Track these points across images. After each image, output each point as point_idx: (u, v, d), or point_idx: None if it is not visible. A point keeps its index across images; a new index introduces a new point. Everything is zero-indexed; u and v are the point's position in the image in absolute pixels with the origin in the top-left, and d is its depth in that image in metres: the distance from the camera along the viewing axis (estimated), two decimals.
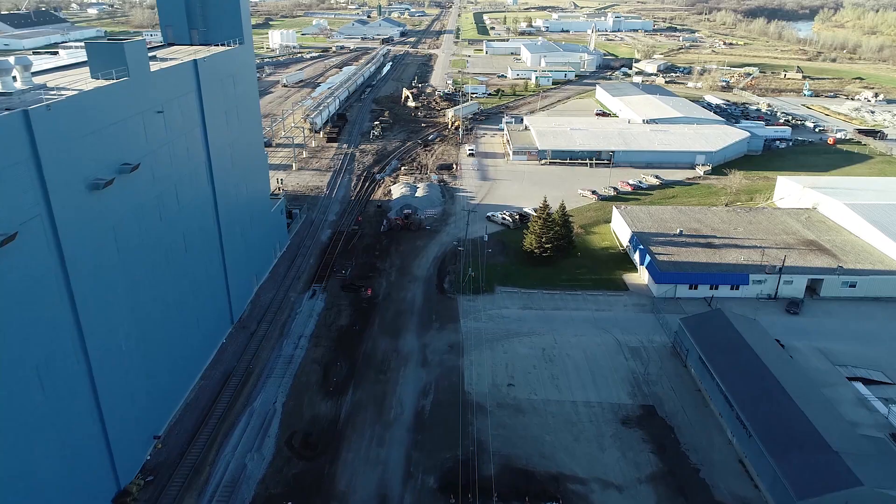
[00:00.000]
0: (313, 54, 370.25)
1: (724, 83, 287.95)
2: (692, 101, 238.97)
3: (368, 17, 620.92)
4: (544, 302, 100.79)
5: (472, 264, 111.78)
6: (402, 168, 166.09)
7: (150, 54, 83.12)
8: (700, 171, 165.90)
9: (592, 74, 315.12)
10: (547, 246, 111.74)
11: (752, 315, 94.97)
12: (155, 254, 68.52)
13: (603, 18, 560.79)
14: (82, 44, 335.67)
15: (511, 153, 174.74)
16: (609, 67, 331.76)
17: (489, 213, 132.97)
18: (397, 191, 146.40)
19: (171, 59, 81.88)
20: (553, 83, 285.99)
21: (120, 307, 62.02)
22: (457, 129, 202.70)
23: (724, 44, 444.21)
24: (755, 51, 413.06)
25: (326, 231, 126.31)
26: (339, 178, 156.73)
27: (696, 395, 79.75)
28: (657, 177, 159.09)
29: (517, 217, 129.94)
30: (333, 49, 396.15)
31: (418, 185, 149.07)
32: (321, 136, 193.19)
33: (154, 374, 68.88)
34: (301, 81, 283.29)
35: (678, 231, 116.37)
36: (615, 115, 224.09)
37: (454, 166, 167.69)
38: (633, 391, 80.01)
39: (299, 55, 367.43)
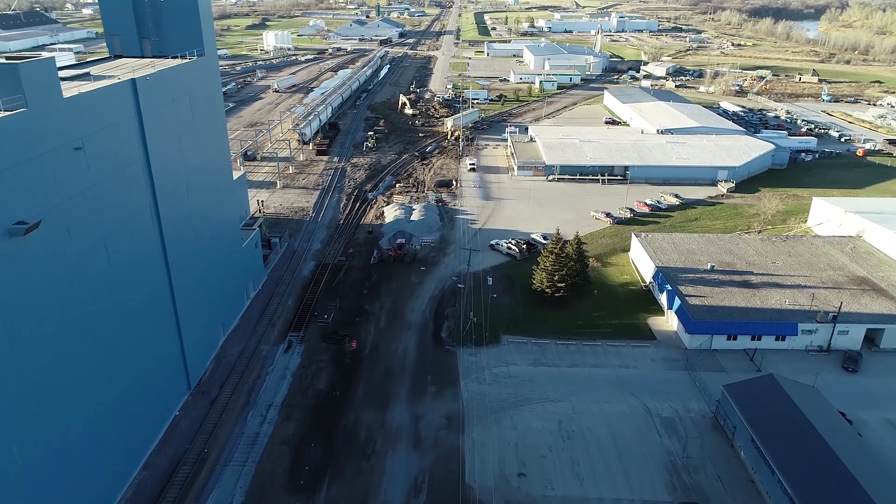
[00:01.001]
0: (308, 57, 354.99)
1: (736, 87, 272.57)
2: (706, 107, 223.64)
3: (367, 17, 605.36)
4: (559, 356, 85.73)
5: (475, 306, 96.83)
6: (397, 185, 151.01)
7: (85, 70, 68.45)
8: (723, 188, 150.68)
9: (599, 78, 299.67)
10: (560, 285, 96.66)
11: (803, 369, 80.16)
12: (71, 330, 53.55)
13: (607, 19, 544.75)
14: (69, 46, 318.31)
15: (515, 168, 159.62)
16: (615, 70, 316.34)
17: (493, 242, 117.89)
18: (391, 213, 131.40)
19: (108, 76, 66.90)
20: (558, 87, 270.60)
21: (14, 412, 47.09)
22: (457, 139, 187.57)
23: (732, 45, 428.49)
24: (765, 52, 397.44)
25: (310, 263, 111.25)
26: (327, 198, 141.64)
27: (749, 488, 64.73)
28: (677, 196, 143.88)
29: (524, 246, 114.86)
30: (329, 51, 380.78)
31: (414, 207, 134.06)
32: (311, 148, 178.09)
33: (75, 481, 53.98)
34: (293, 86, 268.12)
35: (709, 266, 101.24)
36: (625, 124, 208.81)
37: (454, 183, 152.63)
38: (671, 481, 65.04)
39: (294, 57, 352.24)
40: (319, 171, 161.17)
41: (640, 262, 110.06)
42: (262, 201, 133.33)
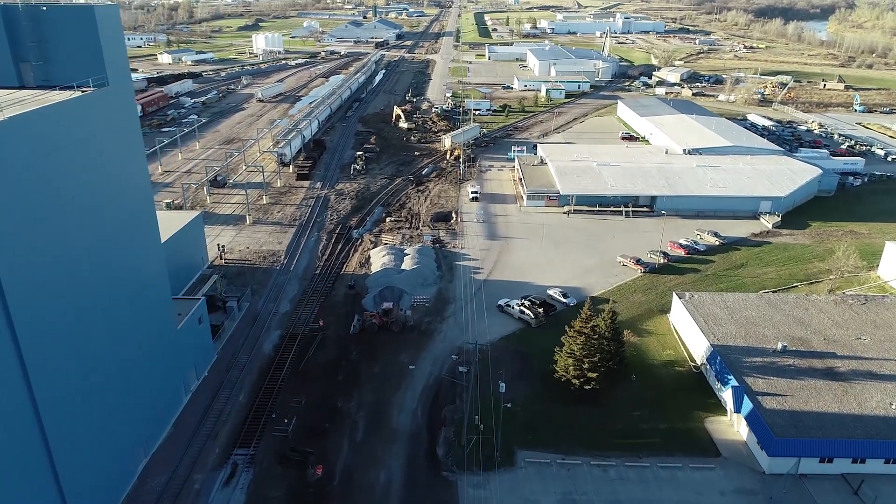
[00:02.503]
0: (299, 61, 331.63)
1: (758, 95, 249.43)
2: (730, 118, 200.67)
3: (364, 17, 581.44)
4: (595, 486, 62.96)
5: (481, 401, 74.12)
6: (388, 219, 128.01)
7: None
8: (767, 222, 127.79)
9: (608, 85, 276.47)
10: (591, 376, 73.85)
11: None
12: None
13: (612, 20, 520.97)
14: None
15: (525, 197, 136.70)
16: (626, 76, 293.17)
17: (502, 302, 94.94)
18: (378, 259, 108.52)
19: None
20: (566, 96, 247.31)
21: None
22: (456, 159, 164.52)
23: (745, 47, 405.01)
24: (780, 55, 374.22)
25: (274, 334, 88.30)
26: (303, 238, 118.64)
27: None
28: (716, 234, 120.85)
29: (540, 310, 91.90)
30: (322, 54, 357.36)
31: (406, 250, 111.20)
32: (291, 170, 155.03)
33: None
34: (279, 95, 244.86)
35: (779, 346, 78.37)
36: (645, 140, 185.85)
37: (453, 216, 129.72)
38: None
39: (284, 62, 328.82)
40: (298, 200, 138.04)
41: (686, 331, 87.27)
42: (223, 246, 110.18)
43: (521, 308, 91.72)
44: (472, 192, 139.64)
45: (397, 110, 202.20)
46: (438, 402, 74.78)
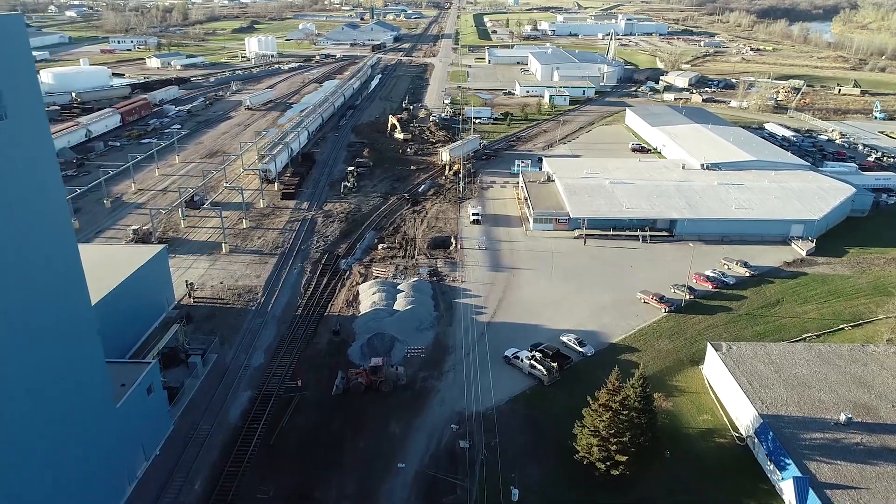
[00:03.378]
0: (292, 65, 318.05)
1: (771, 101, 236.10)
2: (744, 127, 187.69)
3: (361, 19, 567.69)
4: None
5: (488, 486, 60.98)
6: (380, 246, 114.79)
7: None
8: (800, 248, 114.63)
9: (614, 90, 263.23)
10: (620, 459, 60.72)
11: None
12: None
13: (614, 21, 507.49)
14: (35, 53, 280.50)
15: (531, 220, 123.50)
16: (632, 81, 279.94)
17: (509, 353, 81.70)
18: (368, 297, 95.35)
19: None
20: (570, 102, 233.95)
21: None
22: (455, 174, 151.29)
23: (751, 50, 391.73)
24: (788, 58, 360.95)
25: (243, 395, 75.05)
26: (285, 270, 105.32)
27: None
28: (745, 265, 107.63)
29: (553, 363, 78.69)
30: (317, 58, 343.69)
31: (400, 285, 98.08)
32: (276, 188, 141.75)
33: None
34: (269, 102, 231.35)
35: (842, 418, 65.28)
36: (657, 153, 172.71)
37: (452, 243, 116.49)
38: None
39: (277, 66, 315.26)
40: (282, 223, 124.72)
41: (725, 391, 74.16)
42: (192, 283, 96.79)
43: (532, 362, 78.46)
44: (472, 215, 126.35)
45: (392, 120, 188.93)
46: (435, 493, 61.55)
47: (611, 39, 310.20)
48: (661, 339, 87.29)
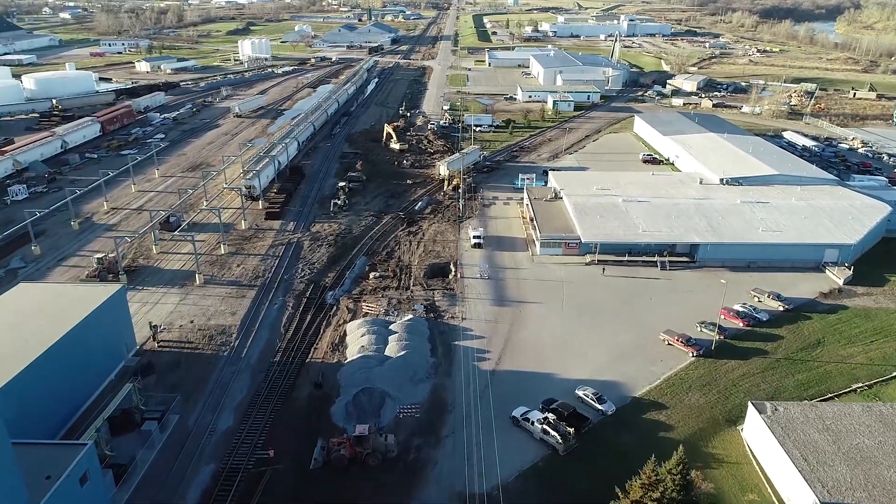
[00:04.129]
0: (286, 69, 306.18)
1: (785, 106, 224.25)
2: (758, 134, 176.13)
3: (359, 20, 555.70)
4: None
5: None
6: (371, 275, 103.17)
7: None
8: (836, 277, 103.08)
9: (620, 95, 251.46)
10: None
11: None
12: None
13: (616, 22, 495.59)
14: (18, 59, 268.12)
15: (538, 243, 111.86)
16: (638, 84, 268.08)
17: (517, 413, 70.03)
18: (356, 339, 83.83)
19: None
20: (574, 108, 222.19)
21: None
22: (455, 189, 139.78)
23: (758, 51, 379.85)
24: (796, 60, 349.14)
25: (205, 471, 63.41)
26: (265, 305, 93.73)
27: None
28: (777, 296, 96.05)
29: (568, 427, 67.07)
30: (312, 61, 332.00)
31: (393, 324, 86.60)
32: (260, 207, 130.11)
33: None
34: (260, 109, 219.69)
35: None
36: (670, 164, 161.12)
37: (452, 270, 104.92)
38: None
39: (270, 70, 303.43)
40: (265, 247, 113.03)
41: (772, 462, 62.63)
42: (156, 325, 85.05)
43: (545, 427, 66.78)
44: (473, 237, 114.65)
45: (388, 128, 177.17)
46: None
47: (615, 41, 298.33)
48: (691, 392, 75.69)
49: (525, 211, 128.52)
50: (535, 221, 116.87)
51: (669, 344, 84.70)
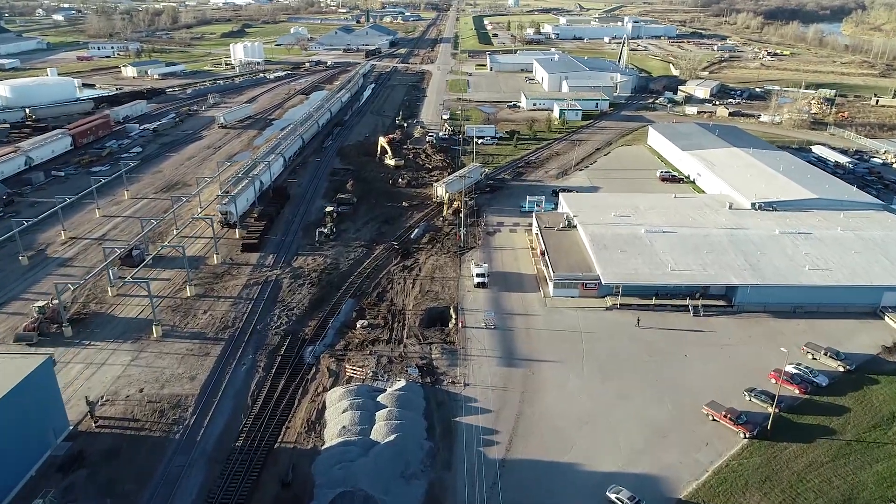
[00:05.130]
0: (278, 74, 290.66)
1: (806, 114, 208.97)
2: (782, 147, 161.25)
3: (357, 22, 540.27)
4: None
5: None
6: (359, 324, 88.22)
7: None
8: None
9: (629, 102, 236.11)
10: None
11: None
12: None
13: (620, 24, 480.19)
14: (4, 61, 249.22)
15: (550, 283, 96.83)
16: (647, 91, 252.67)
17: None
18: (336, 414, 68.96)
19: None
20: (582, 117, 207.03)
21: None
22: (455, 213, 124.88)
23: (768, 54, 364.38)
24: (809, 63, 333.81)
25: None
26: (231, 366, 78.78)
27: None
28: (835, 353, 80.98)
29: None
30: (306, 65, 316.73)
31: (381, 397, 71.56)
32: (237, 235, 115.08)
33: None
34: (247, 119, 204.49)
35: None
36: (691, 182, 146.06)
37: (452, 316, 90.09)
38: None
39: (262, 75, 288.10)
40: (238, 288, 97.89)
41: None
42: (94, 402, 69.89)
43: None
44: (477, 275, 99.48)
45: (382, 142, 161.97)
46: None
47: (623, 45, 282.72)
48: (748, 492, 60.70)
49: (534, 241, 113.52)
50: (546, 256, 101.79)
51: (713, 419, 69.75)
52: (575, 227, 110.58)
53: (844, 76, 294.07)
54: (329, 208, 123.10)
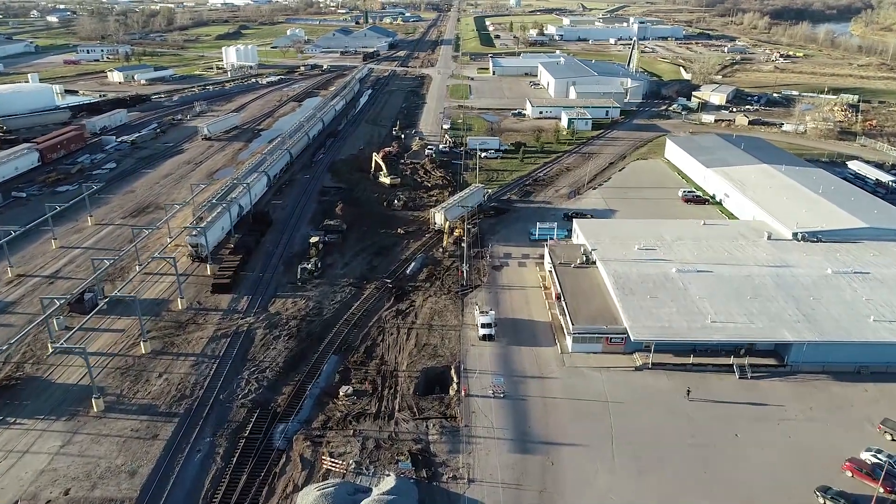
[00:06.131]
0: (271, 78, 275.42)
1: (829, 121, 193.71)
2: (812, 161, 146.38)
3: (357, 23, 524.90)
4: None
5: None
6: (343, 391, 73.39)
7: None
8: None
9: (641, 109, 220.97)
10: None
11: None
12: None
13: (625, 24, 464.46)
14: None
15: (568, 337, 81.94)
16: (660, 97, 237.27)
17: None
18: None
19: None
20: (592, 126, 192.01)
21: None
22: (456, 242, 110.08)
23: (781, 56, 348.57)
24: (824, 66, 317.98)
25: None
26: (183, 452, 63.97)
27: None
28: None
29: None
30: (301, 69, 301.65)
31: (367, 501, 56.65)
32: (209, 272, 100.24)
33: None
34: (233, 129, 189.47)
35: None
36: (717, 204, 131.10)
37: (453, 379, 75.35)
38: None
39: (254, 80, 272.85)
40: (203, 342, 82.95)
41: None
42: None
43: None
44: (482, 325, 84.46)
45: (377, 158, 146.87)
46: None
47: (632, 48, 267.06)
48: None
49: (547, 279, 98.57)
50: (563, 301, 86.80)
51: None
52: (594, 262, 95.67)
53: (864, 80, 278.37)
54: (314, 238, 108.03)
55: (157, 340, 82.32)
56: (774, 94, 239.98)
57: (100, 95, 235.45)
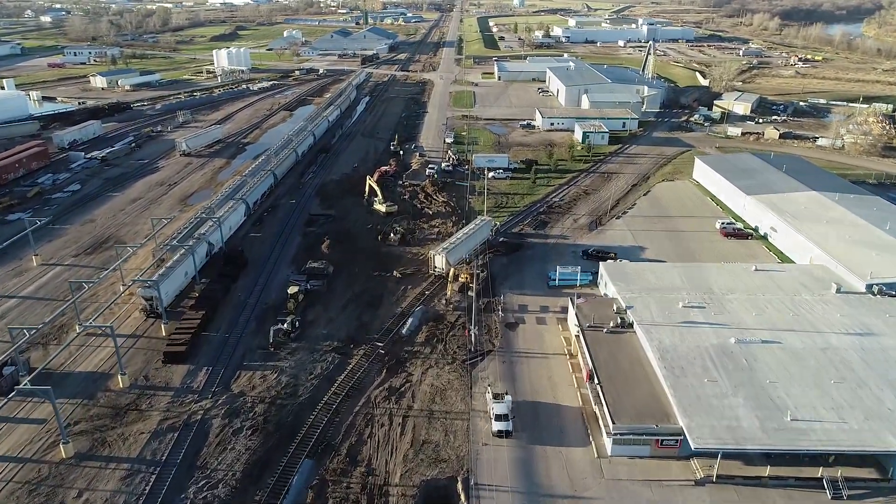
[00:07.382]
0: (263, 84, 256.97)
1: (868, 136, 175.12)
2: (859, 183, 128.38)
3: (357, 24, 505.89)
4: None
5: None
6: None
7: None
8: None
9: (659, 119, 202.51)
10: None
11: None
12: None
13: (633, 26, 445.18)
14: None
15: (607, 435, 63.72)
16: (679, 105, 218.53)
17: None
18: None
19: None
20: (608, 140, 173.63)
21: None
22: (462, 290, 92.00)
23: (799, 60, 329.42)
24: (847, 71, 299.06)
25: None
26: None
27: None
28: None
29: None
30: (296, 74, 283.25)
31: None
32: (164, 332, 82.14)
33: None
34: (215, 143, 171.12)
35: None
36: (761, 238, 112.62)
37: (460, 496, 57.31)
38: None
39: (245, 86, 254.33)
40: (144, 438, 64.75)
41: None
42: None
43: None
44: (496, 417, 66.16)
45: (371, 182, 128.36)
46: None
47: (648, 54, 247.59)
48: None
49: (573, 345, 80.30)
50: (597, 383, 68.56)
51: None
52: (630, 324, 77.55)
53: (891, 86, 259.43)
54: (293, 289, 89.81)
55: (84, 437, 64.27)
56: (801, 103, 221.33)
57: (79, 103, 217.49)
